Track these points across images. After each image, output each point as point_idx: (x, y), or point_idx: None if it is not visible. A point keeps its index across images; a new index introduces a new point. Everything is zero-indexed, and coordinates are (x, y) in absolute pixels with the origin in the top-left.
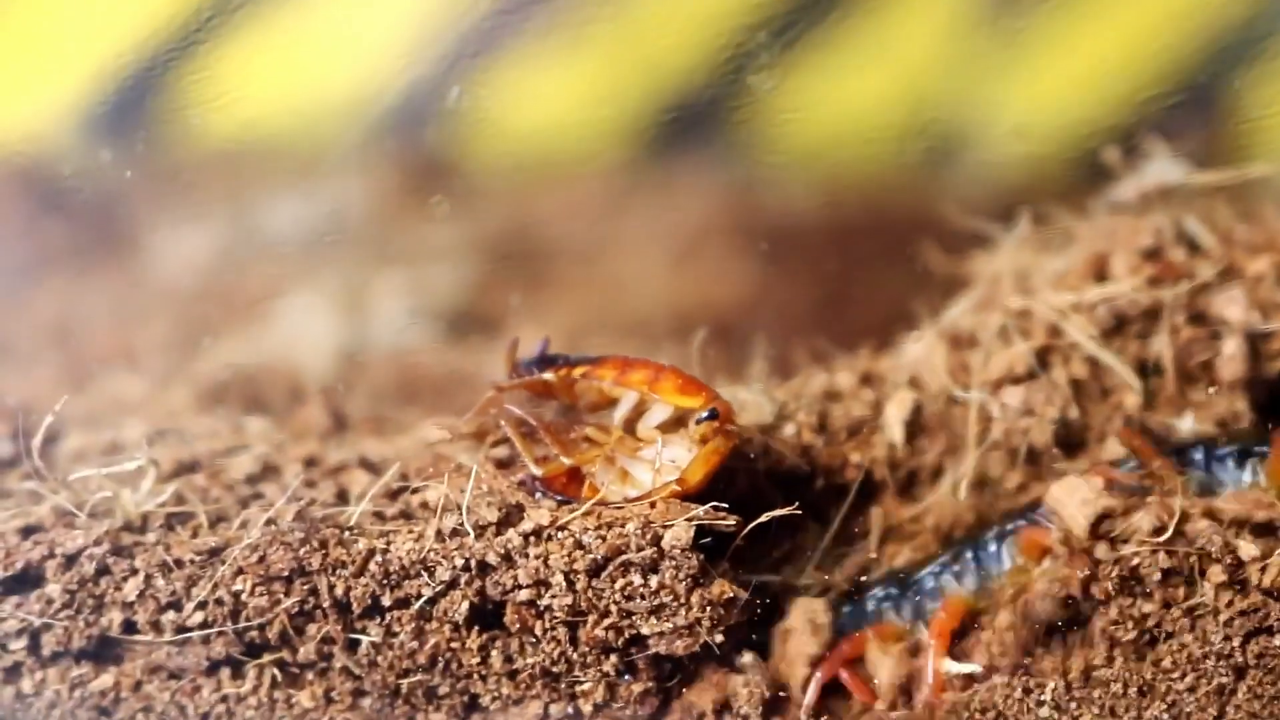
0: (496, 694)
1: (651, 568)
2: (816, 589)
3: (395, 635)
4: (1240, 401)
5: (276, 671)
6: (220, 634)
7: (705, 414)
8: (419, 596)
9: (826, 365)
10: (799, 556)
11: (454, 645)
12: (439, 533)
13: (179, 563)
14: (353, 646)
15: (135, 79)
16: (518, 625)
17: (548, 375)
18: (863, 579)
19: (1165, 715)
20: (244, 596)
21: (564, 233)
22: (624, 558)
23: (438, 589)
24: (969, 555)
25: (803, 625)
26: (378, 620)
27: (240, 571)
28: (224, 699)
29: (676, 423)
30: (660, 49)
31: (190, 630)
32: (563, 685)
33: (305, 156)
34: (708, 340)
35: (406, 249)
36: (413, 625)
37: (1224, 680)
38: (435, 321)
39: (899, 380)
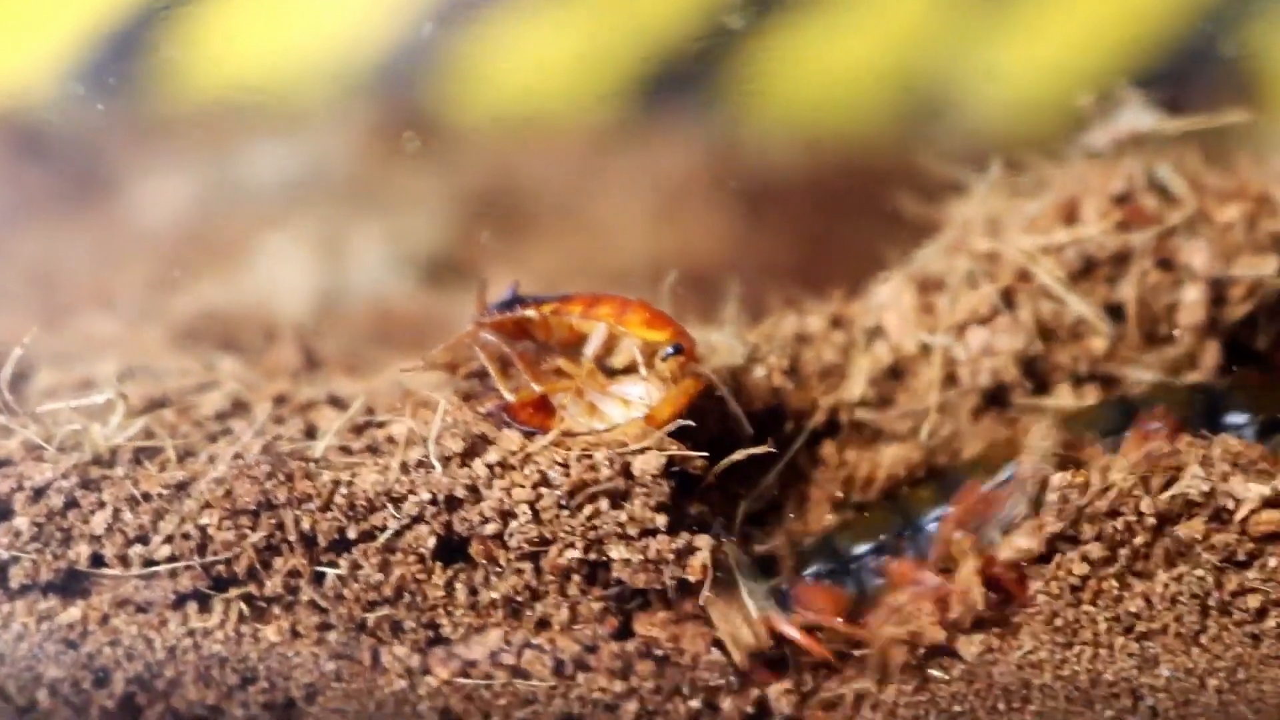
0: (460, 624)
1: (622, 496)
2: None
3: (361, 568)
4: (1205, 348)
5: (243, 606)
6: (187, 568)
7: (671, 349)
8: (384, 529)
9: (798, 309)
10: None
11: (419, 578)
12: (404, 465)
13: (146, 497)
14: (319, 580)
15: (122, 33)
16: (483, 557)
17: (529, 312)
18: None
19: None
20: (211, 530)
21: (545, 184)
22: (592, 488)
23: (404, 522)
24: (910, 533)
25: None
26: (344, 554)
27: (207, 505)
28: (191, 633)
29: (648, 360)
30: (647, 5)
31: (158, 564)
32: (525, 613)
33: (289, 110)
34: (685, 288)
35: (386, 198)
36: (378, 558)
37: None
38: (413, 269)
39: (867, 324)
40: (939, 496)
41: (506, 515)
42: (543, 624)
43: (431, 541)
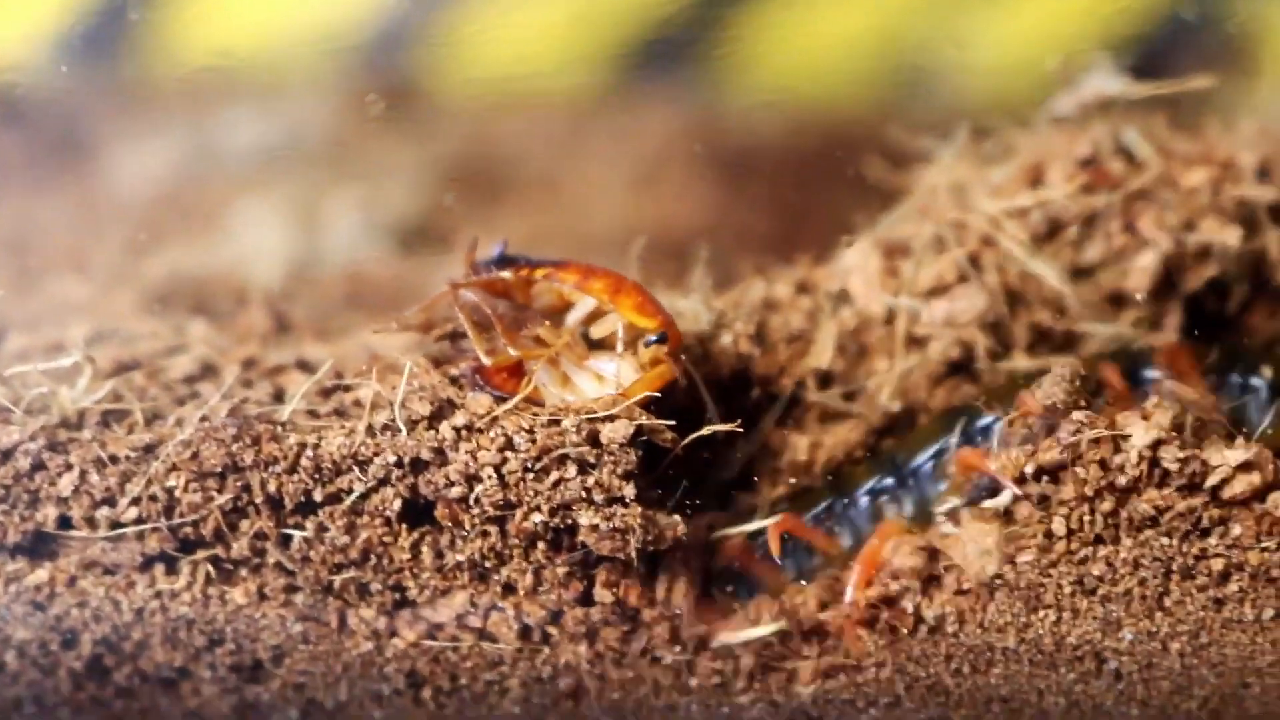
0: (425, 587)
1: (590, 464)
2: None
3: (327, 530)
4: (1166, 312)
5: (210, 568)
6: (154, 530)
7: (655, 337)
8: (350, 492)
9: (765, 275)
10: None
11: (385, 540)
12: (370, 428)
13: (114, 459)
14: (286, 542)
15: (109, 5)
16: (449, 520)
17: (505, 274)
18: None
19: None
20: (178, 493)
21: (522, 151)
22: (558, 453)
23: (370, 484)
24: (904, 477)
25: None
26: (310, 516)
27: (174, 468)
28: (158, 595)
29: (628, 341)
30: None
31: (125, 526)
32: (491, 576)
33: (271, 78)
34: (659, 255)
35: (363, 165)
36: (345, 521)
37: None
38: (387, 235)
39: (832, 288)
40: (873, 472)
41: (472, 479)
42: (508, 588)
43: (397, 504)
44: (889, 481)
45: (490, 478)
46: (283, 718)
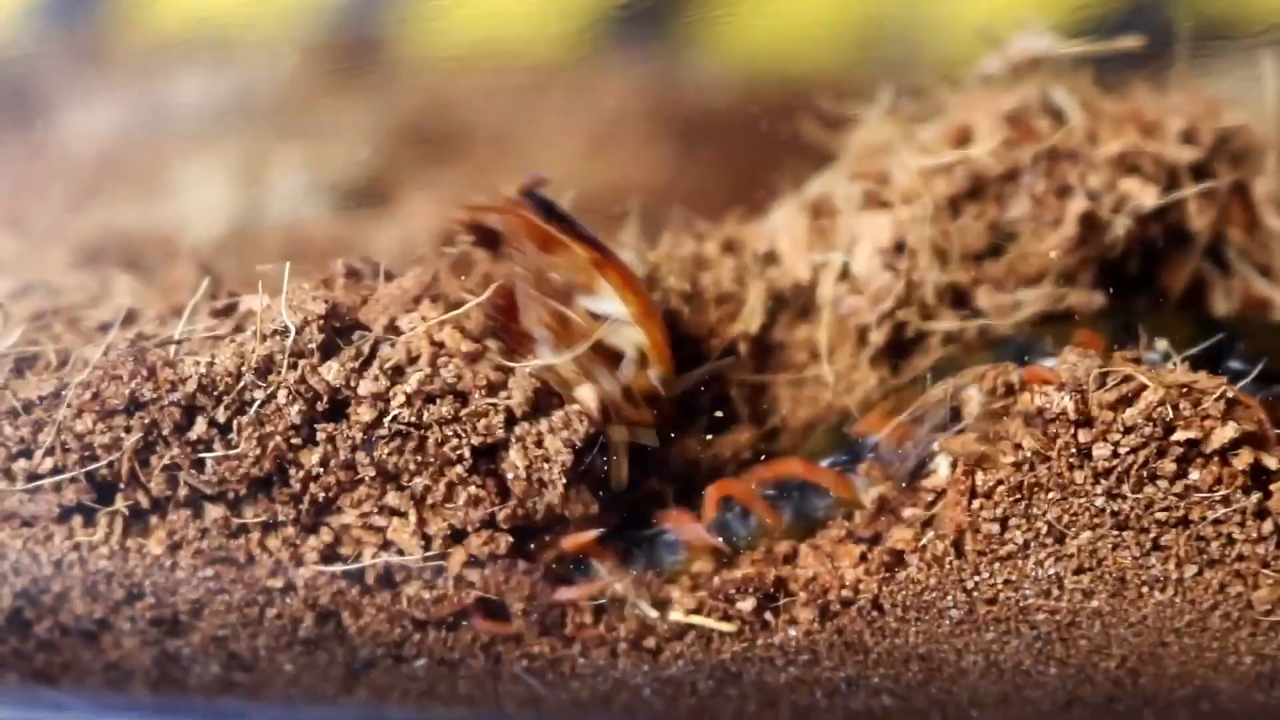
0: (335, 493)
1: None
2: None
3: (235, 448)
4: (1081, 271)
5: (125, 512)
6: (73, 480)
7: (657, 378)
8: (251, 403)
9: (695, 233)
10: None
11: (294, 446)
12: (261, 335)
13: (27, 407)
14: (198, 468)
15: None
16: (360, 432)
17: (553, 229)
18: None
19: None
20: (88, 437)
21: (481, 114)
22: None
23: (270, 390)
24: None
25: None
26: (218, 436)
27: (79, 413)
28: (76, 546)
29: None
30: None
31: (42, 477)
32: (404, 484)
33: (237, 40)
34: (613, 219)
35: (316, 126)
36: (251, 433)
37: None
38: (331, 195)
39: (759, 248)
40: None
41: (379, 399)
42: (419, 500)
43: (296, 408)
44: (844, 458)
45: (399, 400)
46: (203, 670)
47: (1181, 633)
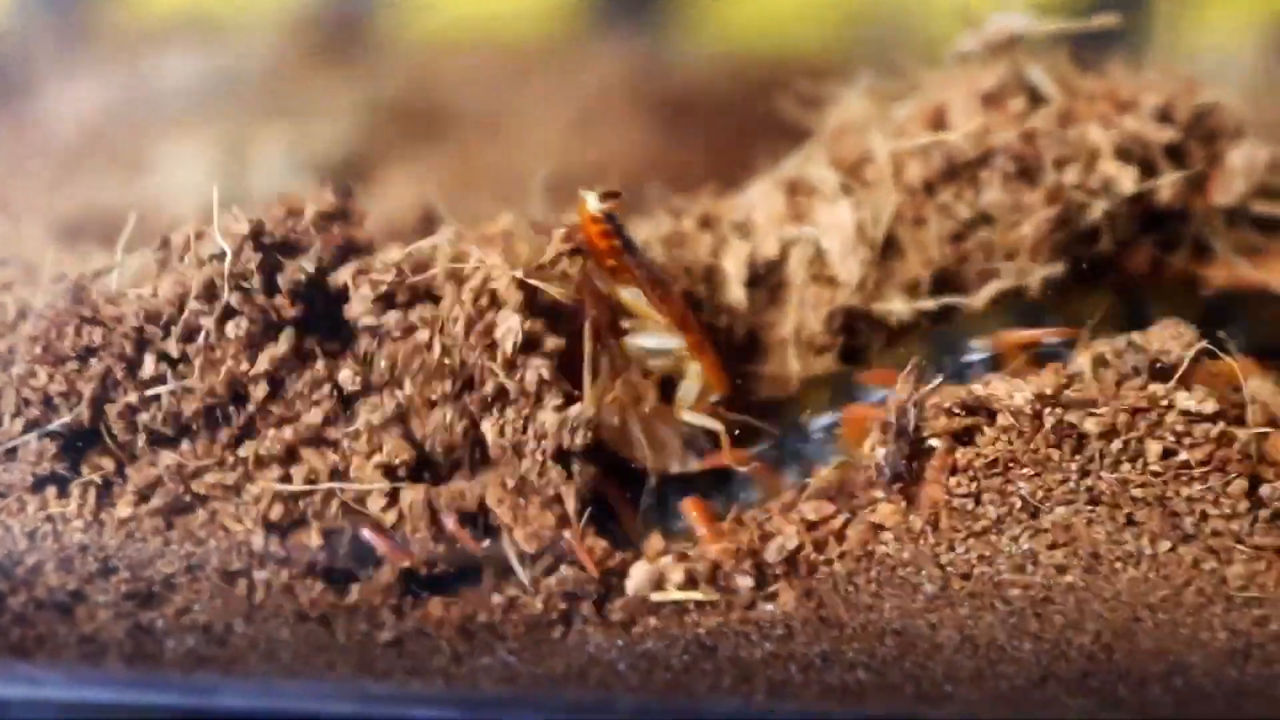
0: (292, 416)
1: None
2: None
3: (189, 376)
4: (1050, 250)
5: (98, 481)
6: (43, 436)
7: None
8: (198, 329)
9: (671, 210)
10: None
11: (244, 371)
12: (199, 260)
13: None
14: (153, 405)
15: None
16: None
17: (625, 252)
18: None
19: None
20: (49, 390)
21: (468, 94)
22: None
23: (218, 313)
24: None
25: None
26: (170, 368)
27: (32, 370)
28: (49, 518)
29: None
30: None
31: (15, 440)
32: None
33: (224, 20)
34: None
35: (301, 104)
36: (201, 360)
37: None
38: (314, 173)
39: (735, 219)
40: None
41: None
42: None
43: (244, 324)
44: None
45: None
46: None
47: (1156, 609)
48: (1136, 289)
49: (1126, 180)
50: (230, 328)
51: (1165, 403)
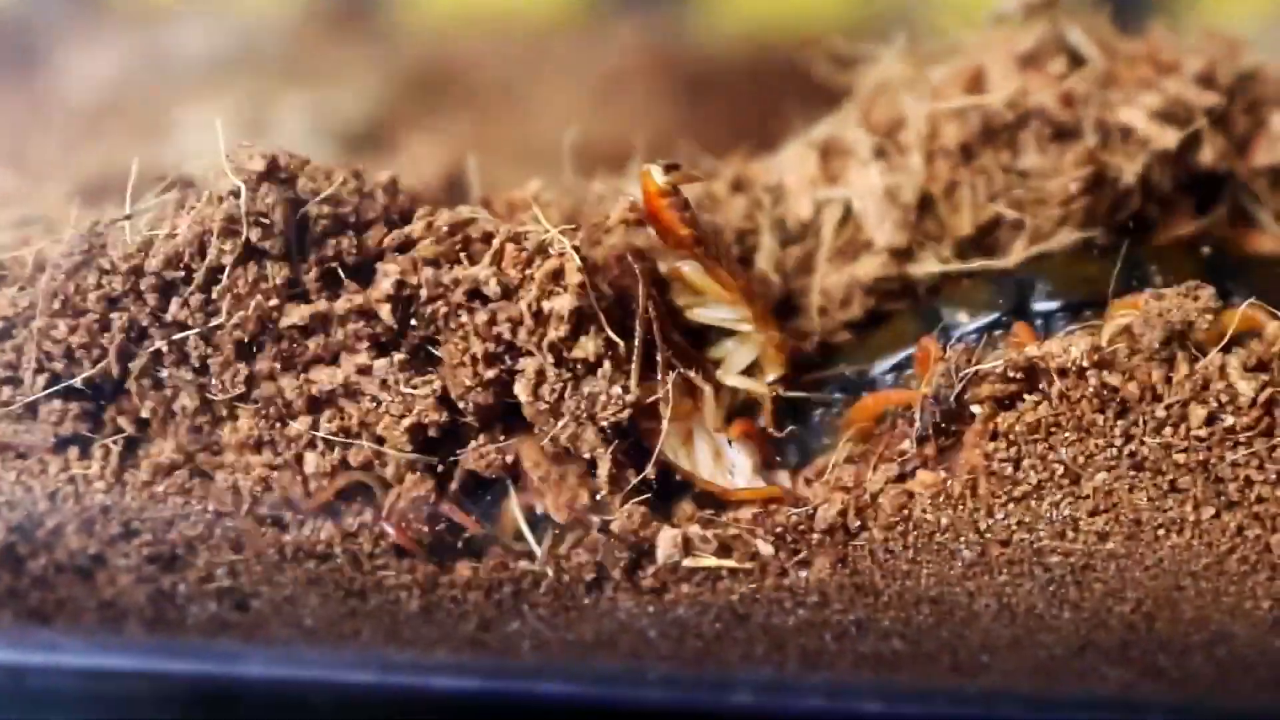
0: (323, 353)
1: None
2: None
3: (216, 315)
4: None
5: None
6: (67, 393)
7: (774, 377)
8: (220, 268)
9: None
10: None
11: (272, 309)
12: (216, 198)
13: (8, 331)
14: (181, 351)
15: None
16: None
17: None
18: None
19: None
20: (72, 345)
21: (488, 66)
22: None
23: (235, 254)
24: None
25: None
26: (195, 315)
27: (53, 327)
28: (71, 480)
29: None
30: None
31: (37, 397)
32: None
33: None
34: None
35: (320, 71)
36: (229, 299)
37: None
38: (334, 141)
39: (769, 182)
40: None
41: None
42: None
43: (272, 268)
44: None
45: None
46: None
47: (1198, 576)
48: (1136, 251)
49: (1168, 138)
50: (253, 268)
51: (1215, 366)
